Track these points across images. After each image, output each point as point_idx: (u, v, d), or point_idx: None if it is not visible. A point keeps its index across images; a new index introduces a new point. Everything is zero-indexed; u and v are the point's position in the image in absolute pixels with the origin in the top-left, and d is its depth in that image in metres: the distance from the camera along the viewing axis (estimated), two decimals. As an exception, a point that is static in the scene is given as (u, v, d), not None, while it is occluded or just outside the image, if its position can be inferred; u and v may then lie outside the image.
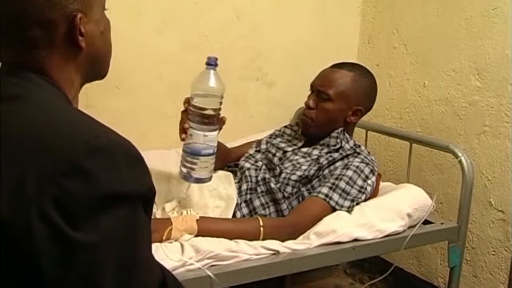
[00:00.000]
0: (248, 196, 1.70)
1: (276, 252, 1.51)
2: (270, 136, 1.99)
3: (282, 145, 1.89)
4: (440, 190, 2.16)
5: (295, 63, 2.36)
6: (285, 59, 2.35)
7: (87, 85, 0.95)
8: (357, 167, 1.70)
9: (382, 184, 1.98)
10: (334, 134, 1.80)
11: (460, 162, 1.83)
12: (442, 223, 1.86)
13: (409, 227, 1.75)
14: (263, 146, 1.93)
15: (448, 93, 2.13)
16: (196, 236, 1.47)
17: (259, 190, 1.71)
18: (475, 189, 1.88)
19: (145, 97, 2.07)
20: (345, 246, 1.61)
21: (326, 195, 1.64)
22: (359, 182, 1.68)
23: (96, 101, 1.97)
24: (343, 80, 1.79)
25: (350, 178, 1.67)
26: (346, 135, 1.82)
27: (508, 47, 1.91)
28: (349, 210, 1.66)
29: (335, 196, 1.64)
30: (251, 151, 1.94)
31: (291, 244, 1.55)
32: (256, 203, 1.68)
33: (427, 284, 2.26)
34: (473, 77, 2.04)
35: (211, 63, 1.41)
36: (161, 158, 1.98)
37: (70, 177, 0.67)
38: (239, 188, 1.73)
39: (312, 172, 1.71)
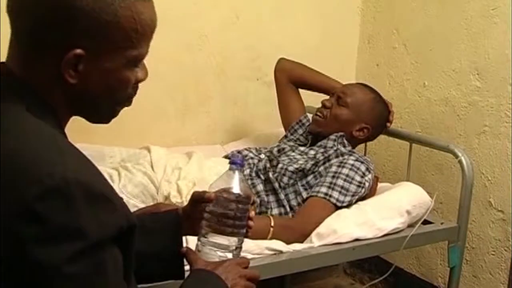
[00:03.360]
0: (250, 182, 1.73)
1: (277, 252, 1.51)
2: (285, 136, 2.04)
3: (291, 143, 1.96)
4: (440, 190, 2.16)
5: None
6: (285, 59, 2.35)
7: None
8: (353, 165, 1.73)
9: (380, 184, 1.98)
10: (332, 137, 1.85)
11: (460, 162, 1.82)
12: (442, 223, 1.86)
13: (409, 225, 1.75)
14: (275, 148, 1.94)
15: (448, 93, 2.13)
16: None
17: (262, 177, 1.75)
18: (475, 189, 1.88)
19: (145, 97, 2.05)
20: (345, 246, 1.61)
21: (326, 194, 1.66)
22: (357, 178, 1.71)
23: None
24: (363, 96, 1.89)
25: (347, 175, 1.70)
26: (344, 141, 1.85)
27: (508, 47, 1.91)
28: (349, 205, 1.68)
29: (335, 194, 1.66)
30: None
31: (293, 245, 1.55)
32: (259, 187, 1.72)
33: (427, 284, 2.26)
34: (473, 77, 2.04)
35: (236, 162, 1.07)
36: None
37: (23, 220, 0.64)
38: (242, 173, 1.75)
39: (308, 166, 1.75)
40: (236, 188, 1.03)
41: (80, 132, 0.96)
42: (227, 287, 0.93)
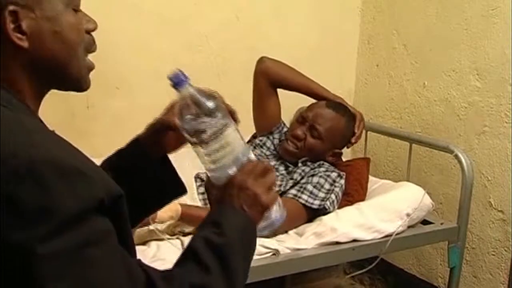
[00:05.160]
0: None
1: (276, 252, 1.51)
2: (253, 145, 1.99)
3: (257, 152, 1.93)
4: (440, 191, 2.16)
5: (295, 64, 2.36)
6: (285, 59, 2.34)
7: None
8: (324, 172, 1.75)
9: (381, 181, 1.99)
10: (299, 164, 1.84)
11: (460, 162, 1.83)
12: (442, 224, 1.86)
13: (409, 227, 1.75)
14: None
15: (448, 93, 2.13)
16: (180, 220, 1.49)
17: None
18: (475, 189, 1.88)
19: (145, 98, 2.07)
20: (344, 246, 1.62)
21: (295, 195, 1.68)
22: (326, 185, 1.72)
23: (96, 101, 1.97)
24: (336, 124, 1.86)
25: (318, 183, 1.72)
26: (308, 163, 1.85)
27: (508, 47, 1.91)
28: (321, 209, 1.68)
29: (304, 196, 1.68)
30: None
31: (290, 243, 1.55)
32: None
33: (427, 284, 2.25)
34: (472, 77, 2.04)
35: (178, 81, 0.93)
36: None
37: None
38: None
39: (287, 188, 1.75)
40: (199, 103, 0.91)
41: (78, 133, 0.96)
42: (242, 213, 0.86)
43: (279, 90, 2.04)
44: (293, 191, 1.69)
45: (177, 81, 0.91)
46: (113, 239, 0.69)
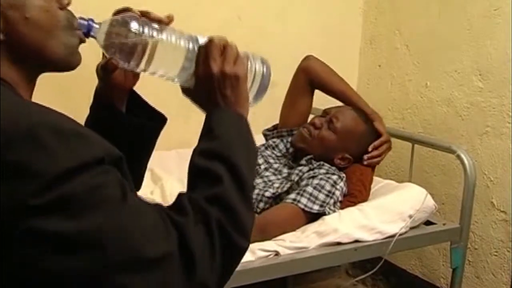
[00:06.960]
0: None
1: (277, 253, 1.51)
2: (265, 145, 1.99)
3: (271, 160, 1.91)
4: (442, 191, 2.15)
5: (296, 64, 2.36)
6: (287, 59, 2.34)
7: (87, 86, 0.94)
8: (324, 174, 1.72)
9: (384, 181, 1.98)
10: (303, 162, 1.82)
11: (462, 162, 1.82)
12: (444, 224, 1.86)
13: (411, 228, 1.75)
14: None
15: (450, 93, 2.13)
16: None
17: None
18: (477, 190, 1.87)
19: (146, 97, 2.06)
20: (346, 247, 1.61)
21: (294, 199, 1.65)
22: (327, 187, 1.69)
23: (98, 102, 1.97)
24: (354, 126, 1.84)
25: (318, 184, 1.68)
26: (313, 161, 1.82)
27: (510, 47, 1.90)
28: (321, 213, 1.66)
29: (303, 200, 1.65)
30: None
31: (291, 243, 1.55)
32: None
33: (429, 285, 2.25)
34: (475, 77, 2.04)
35: (88, 27, 0.86)
36: (161, 160, 1.98)
37: None
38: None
39: (285, 189, 1.74)
40: (120, 32, 0.88)
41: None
42: (228, 107, 0.86)
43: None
44: (292, 195, 1.67)
45: (86, 28, 0.86)
46: (124, 184, 0.69)
